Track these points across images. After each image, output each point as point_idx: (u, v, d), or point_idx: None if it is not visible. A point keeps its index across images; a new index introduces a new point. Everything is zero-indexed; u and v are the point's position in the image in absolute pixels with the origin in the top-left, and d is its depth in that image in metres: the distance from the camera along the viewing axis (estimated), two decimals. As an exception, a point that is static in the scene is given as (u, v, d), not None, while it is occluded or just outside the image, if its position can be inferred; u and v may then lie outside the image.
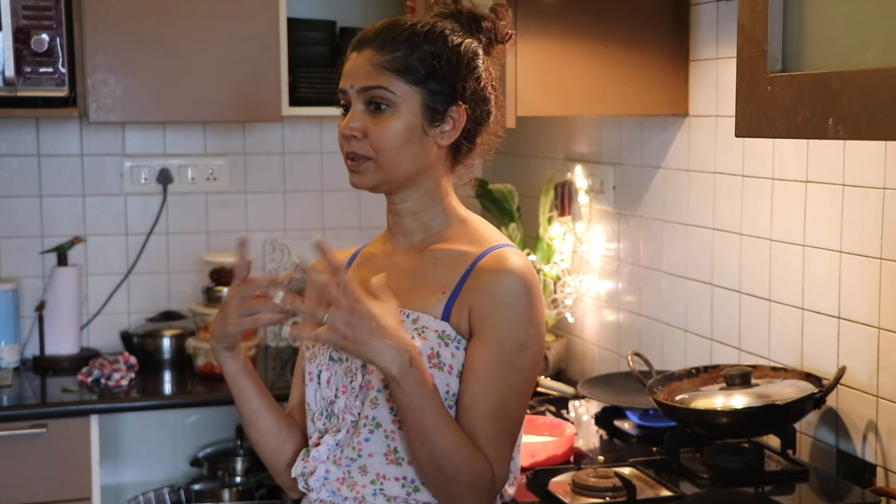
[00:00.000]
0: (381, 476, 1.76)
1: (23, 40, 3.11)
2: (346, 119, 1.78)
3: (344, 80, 1.80)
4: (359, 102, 1.77)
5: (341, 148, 1.81)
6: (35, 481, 3.05)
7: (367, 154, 1.77)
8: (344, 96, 1.80)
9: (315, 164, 3.82)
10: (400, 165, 1.78)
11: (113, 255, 3.67)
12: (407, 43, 1.77)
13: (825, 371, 2.29)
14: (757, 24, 1.53)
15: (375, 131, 1.76)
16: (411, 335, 1.73)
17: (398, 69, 1.76)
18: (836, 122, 1.38)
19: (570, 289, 3.30)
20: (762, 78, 1.52)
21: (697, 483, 2.20)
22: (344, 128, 1.78)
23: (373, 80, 1.76)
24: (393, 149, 1.77)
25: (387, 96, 1.76)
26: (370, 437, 1.75)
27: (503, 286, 1.73)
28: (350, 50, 1.82)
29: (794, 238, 2.40)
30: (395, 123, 1.76)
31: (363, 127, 1.76)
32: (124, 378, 3.30)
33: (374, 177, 1.78)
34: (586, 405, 2.83)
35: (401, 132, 1.77)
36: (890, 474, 2.15)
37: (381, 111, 1.76)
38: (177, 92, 3.32)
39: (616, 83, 2.73)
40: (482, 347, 1.73)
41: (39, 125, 3.57)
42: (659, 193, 2.91)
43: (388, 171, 1.78)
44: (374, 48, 1.77)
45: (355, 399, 1.78)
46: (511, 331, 1.73)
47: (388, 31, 1.78)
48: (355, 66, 1.78)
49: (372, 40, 1.78)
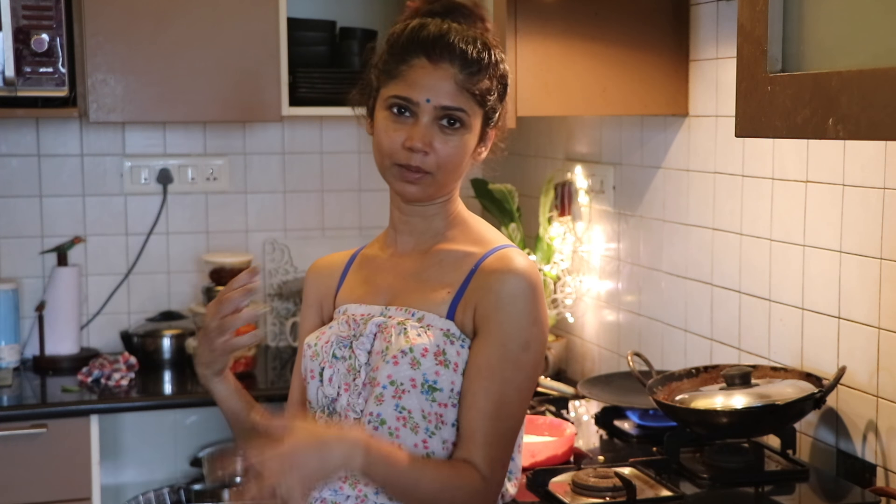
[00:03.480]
0: None
1: (23, 40, 3.11)
2: (413, 131, 1.75)
3: (417, 91, 1.76)
4: (429, 116, 1.76)
5: (391, 155, 1.77)
6: (35, 481, 3.05)
7: (429, 169, 1.77)
8: (409, 104, 1.76)
9: (315, 164, 3.82)
10: (452, 181, 1.82)
11: (113, 255, 3.67)
12: (486, 70, 1.79)
13: (825, 371, 2.29)
14: (757, 24, 1.53)
15: (444, 150, 1.77)
16: (416, 332, 1.76)
17: (476, 94, 1.78)
18: (836, 122, 1.38)
19: (570, 289, 3.30)
20: (762, 78, 1.52)
21: (697, 483, 2.20)
22: (412, 141, 1.75)
23: (456, 101, 1.76)
24: (455, 167, 1.79)
25: (463, 118, 1.77)
26: (374, 434, 1.75)
27: (508, 286, 1.75)
28: (415, 54, 1.77)
29: (794, 238, 2.40)
30: (463, 144, 1.79)
31: (431, 143, 1.76)
32: (124, 378, 3.30)
33: (428, 191, 1.80)
34: (586, 405, 2.83)
35: (465, 153, 1.80)
36: (890, 474, 2.15)
37: (452, 129, 1.77)
38: (177, 92, 3.32)
39: (616, 83, 2.73)
40: (486, 346, 1.74)
41: (39, 125, 3.57)
42: (659, 193, 2.91)
43: (442, 186, 1.80)
44: (456, 66, 1.76)
45: (358, 396, 1.79)
46: (515, 330, 1.74)
47: (469, 50, 1.77)
48: (434, 80, 1.76)
49: (451, 56, 1.76)
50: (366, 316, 1.84)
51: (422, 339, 1.75)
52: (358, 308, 1.87)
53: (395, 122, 1.77)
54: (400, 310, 1.82)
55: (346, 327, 1.84)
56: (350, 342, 1.82)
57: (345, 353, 1.81)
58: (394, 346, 1.76)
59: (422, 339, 1.75)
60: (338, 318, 1.89)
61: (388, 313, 1.83)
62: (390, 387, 1.75)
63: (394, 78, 1.78)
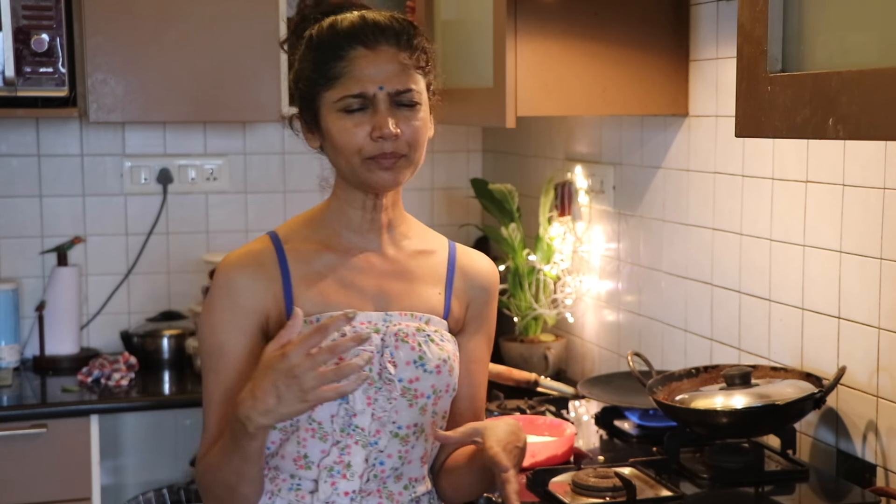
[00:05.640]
0: (413, 480, 1.81)
1: (23, 40, 3.11)
2: (376, 120, 1.71)
3: (366, 83, 1.71)
4: (386, 103, 1.72)
5: (359, 151, 1.72)
6: (35, 481, 3.05)
7: (403, 151, 1.74)
8: (363, 98, 1.71)
9: (315, 164, 3.78)
10: (421, 158, 1.79)
11: (113, 255, 3.67)
12: (414, 38, 1.75)
13: (825, 371, 2.29)
14: (757, 24, 1.53)
15: (409, 129, 1.73)
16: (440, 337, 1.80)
17: (418, 67, 1.76)
18: (836, 122, 1.38)
19: (570, 289, 3.30)
20: (762, 78, 1.52)
21: (697, 483, 2.20)
22: (381, 130, 1.70)
23: (406, 81, 1.73)
24: (423, 142, 1.77)
25: (416, 96, 1.75)
26: (416, 444, 1.79)
27: (496, 283, 1.91)
28: (349, 46, 1.72)
29: (794, 238, 2.40)
30: (423, 118, 1.76)
31: (397, 125, 1.72)
32: (124, 378, 3.30)
33: (404, 174, 1.76)
34: (586, 405, 2.83)
35: (427, 125, 1.78)
36: (890, 474, 2.15)
37: (410, 109, 1.74)
38: (177, 92, 3.32)
39: (616, 83, 2.73)
40: (482, 340, 1.88)
41: (39, 125, 3.57)
42: (659, 193, 2.90)
43: (415, 164, 1.78)
44: (392, 44, 1.73)
45: (387, 409, 1.75)
46: (494, 322, 1.93)
47: (403, 30, 1.74)
48: (378, 66, 1.71)
49: (385, 36, 1.72)
50: (368, 324, 1.76)
51: (449, 345, 1.80)
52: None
53: (351, 119, 1.72)
54: (405, 315, 1.79)
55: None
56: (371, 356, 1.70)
57: (365, 368, 1.68)
58: (430, 355, 1.76)
59: (448, 344, 1.80)
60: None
61: (393, 320, 1.78)
62: (433, 396, 1.77)
63: (334, 79, 1.72)
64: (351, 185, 1.80)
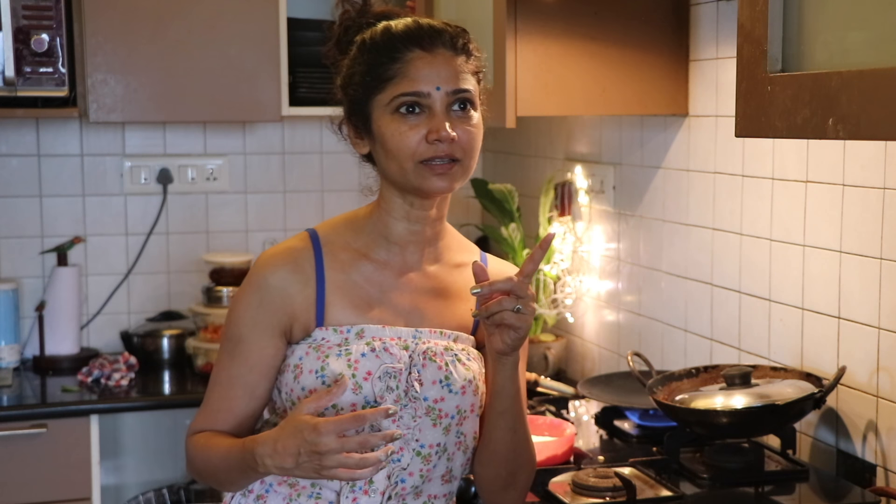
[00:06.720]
0: (432, 497, 1.81)
1: (23, 40, 3.11)
2: (432, 123, 1.69)
3: (424, 83, 1.69)
4: (442, 105, 1.70)
5: (413, 155, 1.69)
6: (35, 481, 3.05)
7: (458, 156, 1.71)
8: (419, 97, 1.69)
9: (315, 164, 3.82)
10: (474, 164, 1.76)
11: (113, 255, 3.67)
12: (467, 45, 1.75)
13: (825, 371, 2.29)
14: (757, 24, 1.53)
15: (465, 134, 1.71)
16: (467, 356, 1.78)
17: (473, 73, 1.75)
18: (836, 122, 1.38)
19: (570, 289, 3.30)
20: (762, 78, 1.52)
21: (697, 483, 2.20)
22: (437, 133, 1.68)
23: (462, 83, 1.72)
24: (477, 148, 1.75)
25: (472, 98, 1.73)
26: (437, 463, 1.78)
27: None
28: (407, 48, 1.71)
29: (794, 238, 2.40)
30: (478, 123, 1.75)
31: (454, 129, 1.70)
32: (124, 378, 3.30)
33: (457, 180, 1.73)
34: (586, 405, 2.83)
35: (481, 131, 1.76)
36: (890, 474, 2.15)
37: (465, 112, 1.72)
38: (177, 92, 3.32)
39: (616, 83, 2.73)
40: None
41: (39, 125, 3.57)
42: (659, 193, 2.90)
43: (468, 171, 1.75)
44: (448, 49, 1.72)
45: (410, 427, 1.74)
46: None
47: (458, 34, 1.74)
48: (436, 68, 1.70)
49: (442, 40, 1.72)
50: (399, 342, 1.75)
51: (475, 364, 1.78)
52: (383, 331, 1.75)
53: (406, 122, 1.70)
54: (434, 332, 1.78)
55: (387, 356, 1.73)
56: (398, 373, 1.73)
57: (392, 384, 1.72)
58: (457, 376, 1.75)
59: (474, 363, 1.78)
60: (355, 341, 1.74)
61: (423, 337, 1.77)
62: (457, 416, 1.76)
63: (389, 80, 1.70)
64: (400, 192, 1.77)
